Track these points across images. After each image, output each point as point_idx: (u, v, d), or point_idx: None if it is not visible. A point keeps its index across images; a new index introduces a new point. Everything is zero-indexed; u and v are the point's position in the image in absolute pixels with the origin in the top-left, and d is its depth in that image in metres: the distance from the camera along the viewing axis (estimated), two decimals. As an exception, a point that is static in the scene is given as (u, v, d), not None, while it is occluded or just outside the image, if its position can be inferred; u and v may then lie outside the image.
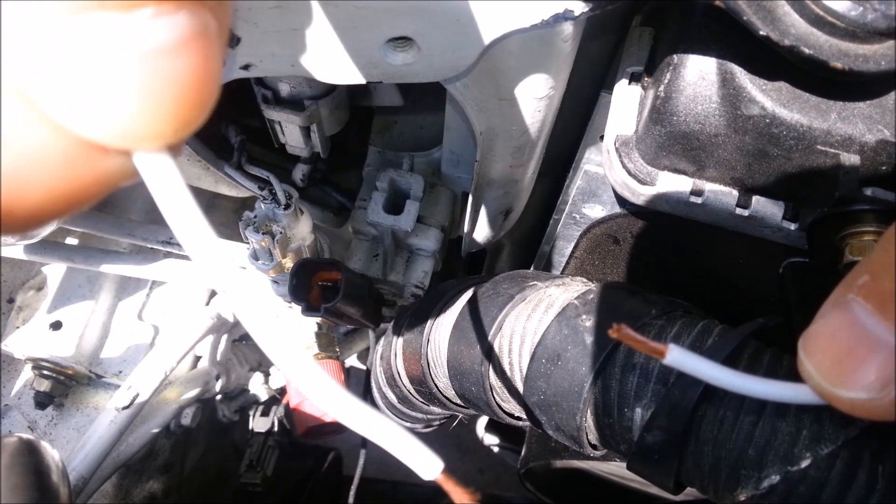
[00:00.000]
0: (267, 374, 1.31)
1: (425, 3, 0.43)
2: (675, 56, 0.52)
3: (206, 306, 1.06)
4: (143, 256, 0.95)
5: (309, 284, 0.76)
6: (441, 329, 0.65)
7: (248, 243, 0.77)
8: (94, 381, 1.05)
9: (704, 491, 0.48)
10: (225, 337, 1.10)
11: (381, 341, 0.81)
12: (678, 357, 0.33)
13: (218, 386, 1.12)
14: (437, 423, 0.87)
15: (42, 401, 1.00)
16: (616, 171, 0.57)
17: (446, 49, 0.47)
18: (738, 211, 0.54)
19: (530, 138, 0.63)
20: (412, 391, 0.73)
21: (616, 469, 1.01)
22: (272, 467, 1.33)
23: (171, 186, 0.21)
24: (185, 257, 0.93)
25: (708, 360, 0.33)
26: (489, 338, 0.57)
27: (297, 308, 0.74)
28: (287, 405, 1.18)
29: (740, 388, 0.33)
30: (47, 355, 0.98)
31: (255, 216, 0.73)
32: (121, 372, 1.03)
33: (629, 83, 0.59)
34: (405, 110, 0.84)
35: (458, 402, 0.67)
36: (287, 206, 0.72)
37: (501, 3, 0.43)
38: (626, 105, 0.58)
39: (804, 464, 0.41)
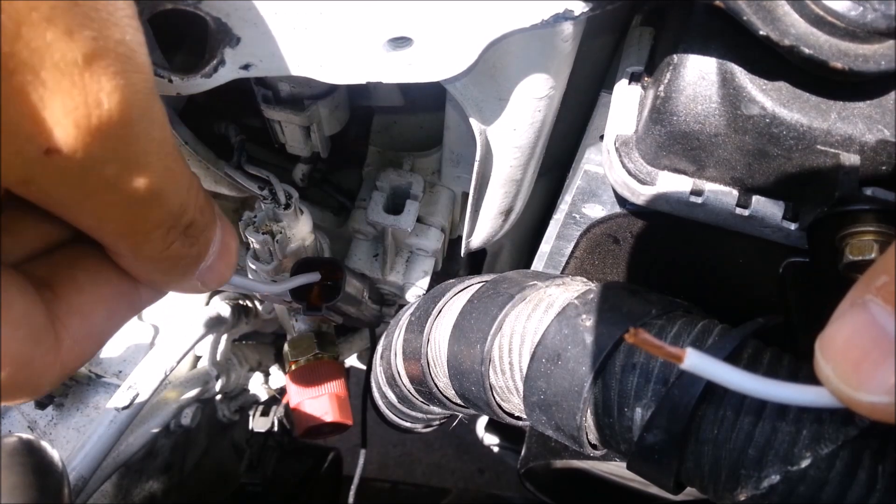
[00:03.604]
0: (267, 374, 1.31)
1: (425, 3, 0.43)
2: (675, 56, 0.52)
3: (206, 306, 1.06)
4: (143, 256, 0.95)
5: (309, 284, 0.76)
6: (441, 329, 0.65)
7: (248, 243, 0.77)
8: (94, 381, 1.05)
9: (704, 491, 0.48)
10: (225, 337, 1.10)
11: (381, 341, 0.81)
12: (696, 361, 0.33)
13: (218, 386, 1.12)
14: (437, 422, 0.87)
15: (42, 401, 1.00)
16: (616, 171, 0.57)
17: (446, 49, 0.47)
18: (738, 211, 0.54)
19: (530, 138, 0.63)
20: (412, 391, 0.73)
21: (616, 469, 1.01)
22: (272, 467, 1.32)
23: None
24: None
25: (726, 364, 0.33)
26: (489, 337, 0.57)
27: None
28: (287, 405, 1.18)
29: (760, 392, 0.33)
30: (47, 355, 0.98)
31: (255, 216, 0.73)
32: (121, 372, 1.03)
33: (629, 83, 0.59)
34: (405, 110, 0.84)
35: (458, 401, 0.67)
36: (287, 206, 0.72)
37: (501, 3, 0.43)
38: (626, 105, 0.58)
39: (804, 464, 0.41)
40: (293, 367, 1.07)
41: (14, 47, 0.23)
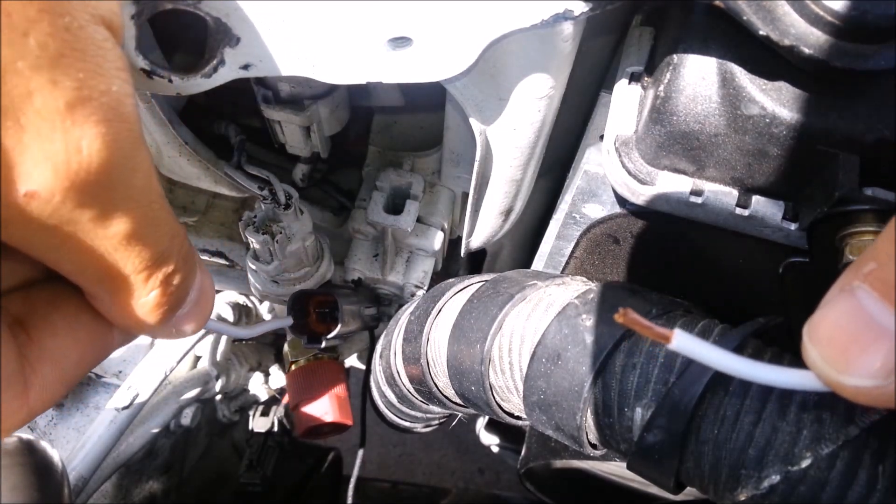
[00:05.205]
0: (267, 374, 1.31)
1: (425, 3, 0.43)
2: (675, 56, 0.52)
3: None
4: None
5: (306, 311, 0.77)
6: (440, 328, 0.65)
7: (248, 243, 0.77)
8: (94, 381, 1.06)
9: (704, 491, 0.48)
10: (225, 337, 1.10)
11: (381, 341, 0.81)
12: (683, 342, 0.33)
13: (218, 386, 1.12)
14: (437, 422, 0.87)
15: (42, 401, 1.00)
16: (616, 171, 0.57)
17: (446, 49, 0.47)
18: (738, 211, 0.54)
19: (530, 138, 0.63)
20: (411, 390, 0.73)
21: (616, 469, 1.01)
22: (272, 467, 1.33)
23: None
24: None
25: (713, 345, 0.33)
26: (489, 337, 0.57)
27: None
28: (287, 405, 1.18)
29: (745, 373, 0.33)
30: (47, 355, 0.98)
31: (255, 216, 0.73)
32: (121, 372, 1.03)
33: (629, 83, 0.59)
34: (405, 110, 0.84)
35: (458, 401, 0.67)
36: (287, 206, 0.72)
37: (501, 3, 0.43)
38: (626, 105, 0.58)
39: (804, 464, 0.41)
40: (293, 367, 1.07)
41: None
